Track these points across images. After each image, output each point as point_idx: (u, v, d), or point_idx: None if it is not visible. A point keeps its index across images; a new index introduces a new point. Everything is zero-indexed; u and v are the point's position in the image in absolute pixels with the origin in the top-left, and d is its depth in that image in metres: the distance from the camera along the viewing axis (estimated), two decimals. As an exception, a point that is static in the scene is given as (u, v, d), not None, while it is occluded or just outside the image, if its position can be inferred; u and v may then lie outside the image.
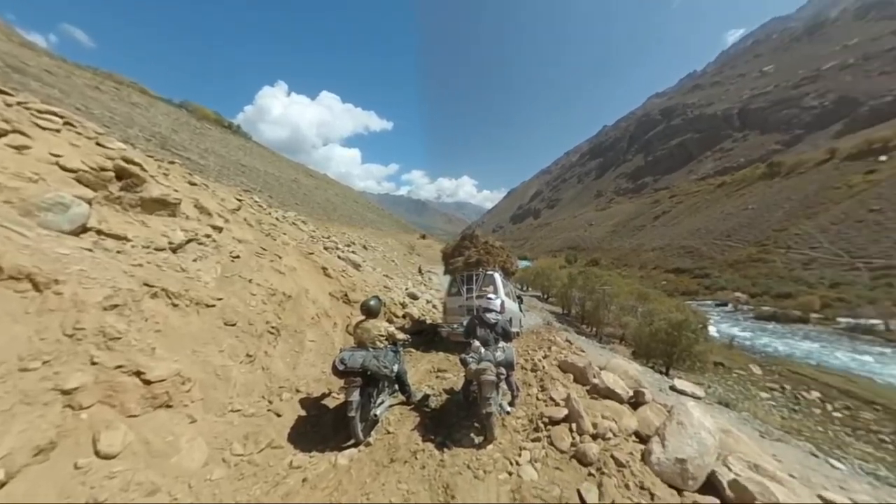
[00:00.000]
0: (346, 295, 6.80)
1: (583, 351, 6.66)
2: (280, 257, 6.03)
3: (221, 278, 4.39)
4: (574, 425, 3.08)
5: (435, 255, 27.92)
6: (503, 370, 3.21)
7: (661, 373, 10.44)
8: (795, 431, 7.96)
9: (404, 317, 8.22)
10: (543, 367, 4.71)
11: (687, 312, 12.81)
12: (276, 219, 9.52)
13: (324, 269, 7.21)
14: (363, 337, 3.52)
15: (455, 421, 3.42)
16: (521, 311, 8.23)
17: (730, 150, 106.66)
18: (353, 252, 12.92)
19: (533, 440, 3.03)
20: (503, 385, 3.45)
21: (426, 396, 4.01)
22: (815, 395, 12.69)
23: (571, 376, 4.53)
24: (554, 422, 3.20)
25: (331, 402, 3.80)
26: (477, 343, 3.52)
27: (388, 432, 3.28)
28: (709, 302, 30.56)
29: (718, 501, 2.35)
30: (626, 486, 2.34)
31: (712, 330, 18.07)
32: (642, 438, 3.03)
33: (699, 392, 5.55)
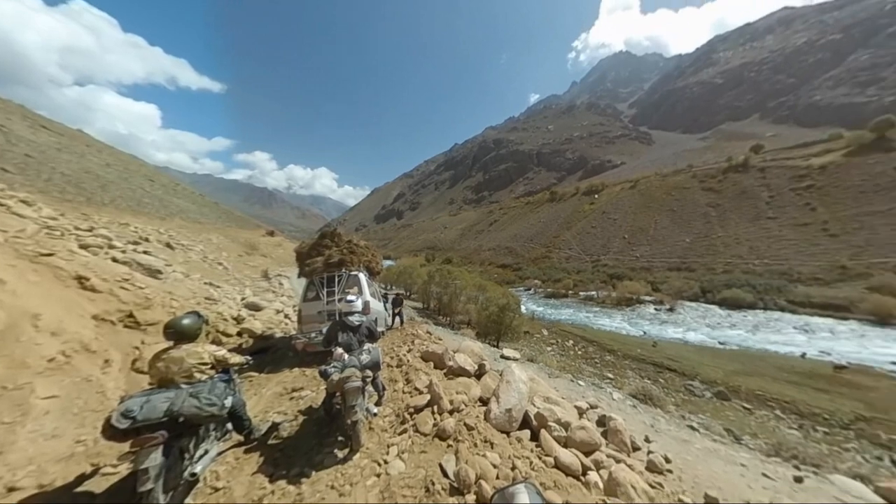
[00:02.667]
0: (130, 315, 4.64)
1: (440, 339, 7.51)
2: (-43, 262, 3.37)
3: None
4: (435, 407, 3.43)
5: (287, 255, 23.69)
6: (369, 373, 3.14)
7: (494, 346, 13.32)
8: (563, 369, 12.20)
9: (241, 334, 6.51)
10: (408, 361, 4.96)
11: (509, 297, 17.00)
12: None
13: (80, 279, 4.63)
14: (170, 371, 2.51)
15: (316, 442, 3.04)
16: (387, 310, 8.31)
17: (532, 179, 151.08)
18: (145, 252, 8.93)
19: (400, 433, 3.13)
20: (369, 388, 3.38)
21: (274, 426, 3.34)
22: (570, 342, 19.92)
23: (432, 363, 5.01)
24: (418, 409, 3.43)
25: (101, 483, 2.48)
26: (339, 350, 3.28)
27: (216, 489, 2.50)
28: (521, 288, 41.80)
29: (529, 431, 3.25)
30: (475, 444, 2.83)
31: (523, 308, 24.70)
32: (484, 402, 3.76)
33: (517, 355, 7.50)
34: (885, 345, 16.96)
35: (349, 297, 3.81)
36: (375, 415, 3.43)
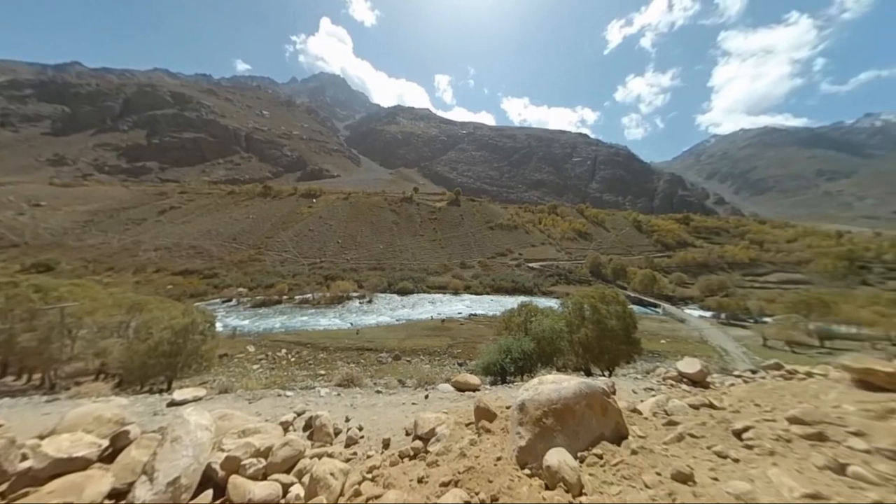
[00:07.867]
0: None
1: (-3, 426, 3.71)
2: None
3: None
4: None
5: None
6: None
7: (163, 391, 9.01)
8: (273, 384, 10.94)
9: None
10: None
11: (194, 315, 12.38)
12: None
13: None
14: None
15: None
16: None
17: (239, 165, 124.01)
18: None
19: None
20: None
21: None
22: (283, 351, 18.52)
23: (-52, 492, 2.33)
24: None
25: None
26: None
27: None
28: (217, 300, 32.42)
29: (212, 489, 2.46)
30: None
31: (219, 326, 19.32)
32: (123, 493, 2.34)
33: (200, 392, 5.55)
34: (455, 305, 32.77)
35: None
36: None
